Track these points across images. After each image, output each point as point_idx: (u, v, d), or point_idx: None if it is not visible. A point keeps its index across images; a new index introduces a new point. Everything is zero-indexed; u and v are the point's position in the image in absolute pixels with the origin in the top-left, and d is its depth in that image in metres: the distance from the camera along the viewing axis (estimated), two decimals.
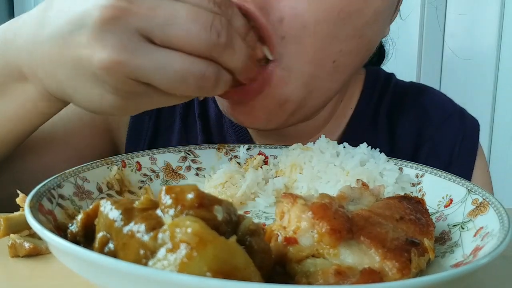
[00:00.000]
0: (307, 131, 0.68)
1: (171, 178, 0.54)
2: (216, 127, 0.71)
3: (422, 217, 0.37)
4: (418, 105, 0.73)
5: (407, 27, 1.62)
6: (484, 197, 0.40)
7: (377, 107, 0.73)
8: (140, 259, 0.26)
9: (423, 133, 0.72)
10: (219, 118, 0.71)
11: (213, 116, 0.72)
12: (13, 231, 0.39)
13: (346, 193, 0.38)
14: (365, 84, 0.74)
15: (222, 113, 0.70)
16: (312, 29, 0.48)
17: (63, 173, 0.42)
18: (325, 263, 0.31)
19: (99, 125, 0.68)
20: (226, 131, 0.71)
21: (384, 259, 0.30)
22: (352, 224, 0.32)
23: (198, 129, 0.71)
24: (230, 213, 0.29)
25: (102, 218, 0.29)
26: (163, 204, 0.28)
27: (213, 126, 0.72)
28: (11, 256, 0.39)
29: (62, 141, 0.64)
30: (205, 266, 0.23)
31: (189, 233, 0.24)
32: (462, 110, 0.75)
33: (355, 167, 0.49)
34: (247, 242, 0.29)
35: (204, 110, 0.72)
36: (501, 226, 0.34)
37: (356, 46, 0.53)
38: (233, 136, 0.70)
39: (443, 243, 0.39)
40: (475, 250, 0.35)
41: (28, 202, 0.33)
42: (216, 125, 0.72)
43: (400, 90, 0.75)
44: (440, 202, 0.45)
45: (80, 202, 0.41)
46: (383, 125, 0.72)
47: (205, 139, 0.70)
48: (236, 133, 0.70)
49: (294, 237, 0.32)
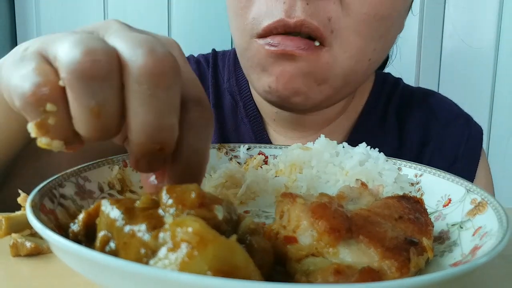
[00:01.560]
0: (320, 121, 0.71)
1: None
2: (231, 117, 0.73)
3: (421, 216, 0.37)
4: (426, 105, 0.76)
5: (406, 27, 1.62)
6: (482, 197, 0.41)
7: (386, 105, 0.75)
8: (141, 258, 0.26)
9: (430, 131, 0.73)
10: (234, 108, 0.73)
11: (228, 106, 0.74)
12: (15, 230, 0.39)
13: (345, 193, 0.39)
14: (375, 84, 0.76)
15: (236, 103, 0.72)
16: (353, 28, 0.55)
17: (65, 173, 0.42)
18: (324, 262, 0.31)
19: None
20: (241, 120, 0.72)
21: (383, 258, 0.30)
22: (351, 223, 0.33)
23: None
24: (230, 213, 0.29)
25: (103, 217, 0.29)
26: (164, 204, 0.28)
27: (227, 116, 0.73)
28: (13, 256, 0.39)
29: None
30: (205, 265, 0.23)
31: (190, 232, 0.24)
32: (468, 115, 0.77)
33: (354, 167, 0.50)
34: (247, 241, 0.29)
35: (219, 100, 0.74)
36: (500, 225, 0.34)
37: (384, 45, 0.60)
38: (247, 125, 0.71)
39: (442, 242, 0.39)
40: (474, 249, 0.35)
41: (29, 201, 0.33)
42: (231, 114, 0.73)
43: (408, 92, 0.78)
44: (438, 202, 0.45)
45: (82, 201, 0.42)
46: (392, 122, 0.74)
47: (219, 128, 0.72)
48: (251, 122, 0.71)
49: (294, 236, 0.32)
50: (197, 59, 0.79)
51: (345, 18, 0.54)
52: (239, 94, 0.72)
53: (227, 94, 0.74)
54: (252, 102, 0.72)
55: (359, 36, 0.56)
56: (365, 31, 0.56)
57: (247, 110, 0.72)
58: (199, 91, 0.33)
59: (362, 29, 0.56)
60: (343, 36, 0.55)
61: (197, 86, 0.33)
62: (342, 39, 0.55)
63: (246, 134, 0.71)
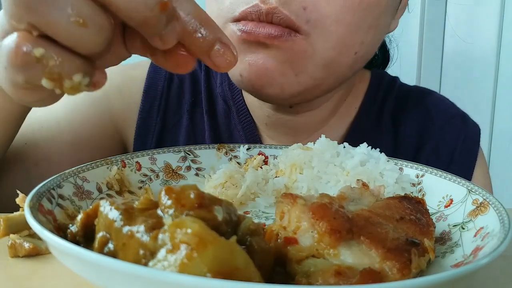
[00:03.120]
0: (312, 124, 0.70)
1: (171, 178, 0.54)
2: (224, 123, 0.72)
3: (422, 217, 0.37)
4: (422, 106, 0.75)
5: (407, 27, 1.62)
6: (484, 197, 0.40)
7: (381, 107, 0.74)
8: (139, 259, 0.26)
9: (426, 132, 0.73)
10: (227, 114, 0.72)
11: (221, 112, 0.73)
12: (13, 231, 0.39)
13: (346, 193, 0.38)
14: (370, 85, 0.75)
15: (229, 108, 0.71)
16: (334, 17, 0.52)
17: (63, 173, 0.42)
18: (325, 263, 0.31)
19: (107, 127, 0.70)
20: (234, 127, 0.72)
21: (384, 259, 0.30)
22: (352, 224, 0.32)
23: (205, 125, 0.72)
24: (230, 213, 0.29)
25: (102, 218, 0.29)
26: (163, 205, 0.28)
27: (220, 122, 0.72)
28: (11, 256, 0.39)
29: (74, 146, 0.66)
30: (205, 267, 0.23)
31: (189, 233, 0.24)
32: (464, 114, 0.76)
33: (355, 167, 0.49)
34: (247, 242, 0.29)
35: (212, 107, 0.73)
36: (502, 226, 0.34)
37: (373, 37, 0.57)
38: (241, 132, 0.71)
39: (443, 243, 0.39)
40: (476, 250, 0.35)
41: (27, 202, 0.33)
42: (224, 121, 0.72)
43: (404, 92, 0.77)
44: (440, 202, 0.45)
45: (80, 202, 0.41)
46: (387, 124, 0.73)
47: (213, 135, 0.71)
48: (244, 129, 0.70)
49: (294, 237, 0.32)
50: None
51: (326, 7, 0.52)
52: (232, 99, 0.71)
53: (220, 99, 0.72)
54: (244, 107, 0.71)
55: (342, 25, 0.53)
56: (348, 20, 0.53)
57: (240, 116, 0.71)
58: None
59: (345, 18, 0.53)
60: (323, 25, 0.53)
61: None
62: (323, 28, 0.53)
63: (239, 141, 0.71)
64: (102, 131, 0.69)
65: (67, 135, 0.65)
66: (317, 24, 0.52)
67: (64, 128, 0.65)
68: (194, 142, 0.71)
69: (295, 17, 0.51)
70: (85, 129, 0.67)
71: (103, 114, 0.69)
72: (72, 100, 0.68)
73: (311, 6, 0.52)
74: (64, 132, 0.65)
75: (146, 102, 0.71)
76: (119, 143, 0.72)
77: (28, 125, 0.64)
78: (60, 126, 0.65)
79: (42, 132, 0.64)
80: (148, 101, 0.71)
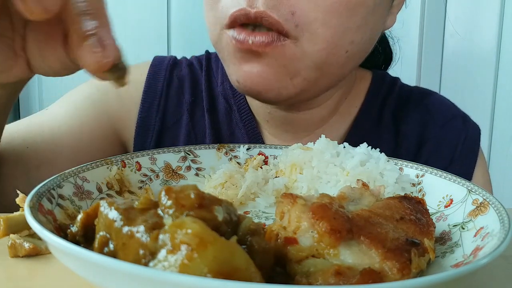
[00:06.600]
0: (313, 121, 0.70)
1: (171, 178, 0.54)
2: (225, 121, 0.73)
3: (422, 217, 0.37)
4: (423, 106, 0.75)
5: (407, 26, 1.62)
6: (484, 197, 0.40)
7: (382, 106, 0.74)
8: (139, 259, 0.26)
9: (427, 132, 0.73)
10: (228, 112, 0.72)
11: (222, 110, 0.73)
12: (13, 231, 0.39)
13: (346, 193, 0.38)
14: (372, 85, 0.76)
15: (230, 107, 0.71)
16: (322, 19, 0.53)
17: (63, 173, 0.42)
18: (325, 263, 0.31)
19: (107, 130, 0.70)
20: (236, 125, 0.72)
21: (384, 259, 0.30)
22: (352, 224, 0.32)
23: (206, 124, 0.72)
24: (230, 213, 0.29)
25: (102, 218, 0.29)
26: (163, 205, 0.28)
27: (222, 121, 0.73)
28: (11, 256, 0.39)
29: (74, 149, 0.67)
30: (205, 267, 0.23)
31: (189, 234, 0.24)
32: (465, 115, 0.76)
33: (355, 167, 0.49)
34: (247, 242, 0.29)
35: (213, 105, 0.73)
36: (502, 226, 0.34)
37: (363, 35, 0.58)
38: (242, 130, 0.71)
39: (443, 243, 0.39)
40: (476, 250, 0.35)
41: (28, 202, 0.33)
42: (225, 119, 0.73)
43: (405, 93, 0.77)
44: (440, 202, 0.45)
45: (80, 202, 0.41)
46: (388, 124, 0.73)
47: (214, 133, 0.72)
48: (245, 126, 0.71)
49: (294, 237, 0.32)
50: (190, 61, 0.77)
51: (313, 11, 0.53)
52: (233, 98, 0.72)
53: (221, 98, 0.73)
54: (246, 105, 0.71)
55: (330, 28, 0.54)
56: (335, 22, 0.54)
57: (241, 114, 0.71)
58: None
59: (332, 21, 0.53)
60: (311, 29, 0.53)
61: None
62: (311, 32, 0.53)
63: (241, 139, 0.71)
64: (102, 134, 0.69)
65: (68, 139, 0.66)
66: (305, 28, 0.53)
67: (65, 132, 0.66)
68: (195, 140, 0.72)
69: (284, 22, 0.52)
70: (86, 132, 0.68)
71: (102, 117, 0.70)
72: (72, 104, 0.69)
73: (299, 11, 0.52)
74: (65, 136, 0.66)
75: (145, 102, 0.72)
76: (119, 145, 0.73)
77: (30, 129, 0.64)
78: (61, 130, 0.66)
79: (43, 136, 0.65)
80: (148, 101, 0.72)
